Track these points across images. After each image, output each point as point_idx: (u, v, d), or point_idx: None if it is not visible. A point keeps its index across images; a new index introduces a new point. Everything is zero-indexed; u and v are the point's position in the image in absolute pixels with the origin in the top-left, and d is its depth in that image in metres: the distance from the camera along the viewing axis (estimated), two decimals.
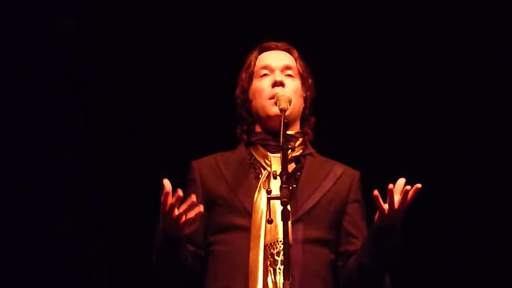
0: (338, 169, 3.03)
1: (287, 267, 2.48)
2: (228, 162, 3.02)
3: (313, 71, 3.17)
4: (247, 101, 3.09)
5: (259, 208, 2.85)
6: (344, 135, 4.06)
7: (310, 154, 3.05)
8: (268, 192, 2.63)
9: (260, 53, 3.13)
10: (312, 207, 2.91)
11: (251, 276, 2.78)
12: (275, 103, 2.94)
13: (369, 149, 4.09)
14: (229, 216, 2.90)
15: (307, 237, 2.87)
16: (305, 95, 3.11)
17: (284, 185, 2.56)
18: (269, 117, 3.00)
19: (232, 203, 2.90)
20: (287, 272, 2.47)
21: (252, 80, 3.09)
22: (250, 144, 3.06)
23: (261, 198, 2.86)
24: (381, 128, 4.20)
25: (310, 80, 3.13)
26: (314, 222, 2.89)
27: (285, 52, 3.13)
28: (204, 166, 3.03)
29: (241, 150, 3.07)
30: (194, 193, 2.92)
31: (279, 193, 2.56)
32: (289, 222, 2.57)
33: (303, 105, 3.10)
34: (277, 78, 3.02)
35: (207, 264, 2.94)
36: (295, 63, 3.11)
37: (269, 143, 3.01)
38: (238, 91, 3.13)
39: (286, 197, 2.53)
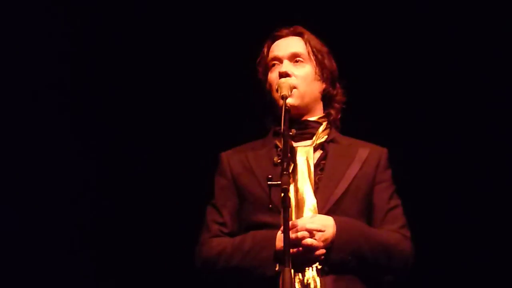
0: (364, 151, 2.98)
1: (288, 252, 2.47)
2: (257, 155, 3.00)
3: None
4: (268, 93, 3.07)
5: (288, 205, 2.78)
6: (368, 113, 3.99)
7: (332, 140, 3.00)
8: (269, 179, 2.61)
9: (272, 42, 3.11)
10: (340, 198, 2.88)
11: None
12: (277, 90, 2.93)
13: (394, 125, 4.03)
14: (259, 214, 2.88)
15: None
16: (321, 77, 3.05)
17: (285, 172, 2.55)
18: (280, 108, 2.93)
19: (262, 200, 2.86)
20: (288, 259, 2.46)
21: (267, 73, 3.08)
22: (276, 134, 3.03)
23: (290, 194, 2.78)
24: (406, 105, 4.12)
25: (326, 60, 3.07)
26: (344, 213, 2.85)
27: (296, 38, 3.09)
28: (234, 159, 3.02)
29: (269, 141, 3.05)
30: (226, 186, 3.00)
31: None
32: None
33: (322, 86, 3.06)
34: (282, 70, 2.99)
35: None
36: (304, 47, 3.06)
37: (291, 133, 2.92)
38: (259, 82, 3.12)
39: (287, 184, 2.52)
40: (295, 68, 3.02)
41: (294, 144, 2.95)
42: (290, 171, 2.81)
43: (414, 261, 2.94)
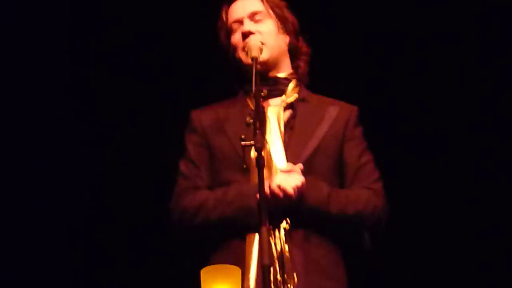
0: (333, 109, 2.98)
1: (265, 211, 2.46)
2: (229, 114, 2.98)
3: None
4: (232, 56, 3.06)
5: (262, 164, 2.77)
6: (340, 68, 3.97)
7: (303, 99, 3.00)
8: (242, 139, 2.62)
9: (228, 6, 3.10)
10: (311, 156, 2.86)
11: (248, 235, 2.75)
12: (247, 53, 2.92)
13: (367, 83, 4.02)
14: (229, 173, 2.87)
15: None
16: (284, 30, 3.05)
17: (258, 131, 2.55)
18: (249, 67, 2.92)
19: (232, 159, 2.86)
20: (265, 217, 2.44)
21: (230, 36, 3.07)
22: (246, 93, 3.03)
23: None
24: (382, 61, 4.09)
25: (286, 13, 3.06)
26: (315, 172, 2.84)
27: None
28: (205, 117, 3.01)
29: (240, 99, 3.05)
30: (198, 142, 2.97)
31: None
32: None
33: (287, 39, 3.05)
34: (244, 29, 2.99)
35: None
36: (262, 4, 3.05)
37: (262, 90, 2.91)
38: (221, 48, 3.11)
39: (260, 144, 2.52)
40: (257, 25, 3.01)
41: (264, 103, 2.93)
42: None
43: (388, 215, 2.93)
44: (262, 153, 2.52)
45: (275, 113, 2.93)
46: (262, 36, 2.98)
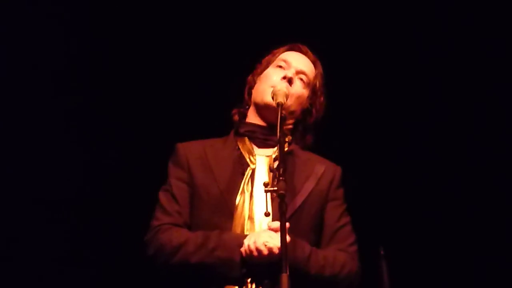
0: (320, 167, 3.00)
1: (285, 259, 2.41)
2: (217, 153, 2.97)
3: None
4: (253, 84, 3.11)
5: (241, 211, 2.83)
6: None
7: (291, 153, 3.02)
8: (265, 184, 2.60)
9: (289, 50, 3.17)
10: (295, 212, 2.88)
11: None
12: (272, 97, 2.94)
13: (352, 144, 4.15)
14: (211, 213, 2.85)
15: None
16: (306, 107, 3.11)
17: (281, 178, 2.54)
18: (264, 104, 3.01)
19: (215, 200, 2.86)
20: (285, 264, 2.39)
21: (268, 67, 3.12)
22: (238, 134, 3.04)
23: (243, 200, 2.84)
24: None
25: (320, 99, 3.14)
26: (298, 228, 2.84)
27: (311, 62, 3.15)
28: (192, 152, 2.98)
29: (230, 140, 3.04)
30: (182, 177, 2.93)
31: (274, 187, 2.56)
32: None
33: (300, 115, 3.10)
34: (289, 74, 3.04)
35: None
36: (313, 74, 3.13)
37: (257, 136, 3.00)
38: (251, 74, 3.17)
39: (283, 190, 2.51)
40: (299, 82, 3.08)
41: (256, 151, 2.98)
42: (248, 178, 2.88)
43: (360, 279, 2.96)
44: (284, 199, 2.52)
45: (266, 163, 2.94)
46: (295, 93, 3.04)
